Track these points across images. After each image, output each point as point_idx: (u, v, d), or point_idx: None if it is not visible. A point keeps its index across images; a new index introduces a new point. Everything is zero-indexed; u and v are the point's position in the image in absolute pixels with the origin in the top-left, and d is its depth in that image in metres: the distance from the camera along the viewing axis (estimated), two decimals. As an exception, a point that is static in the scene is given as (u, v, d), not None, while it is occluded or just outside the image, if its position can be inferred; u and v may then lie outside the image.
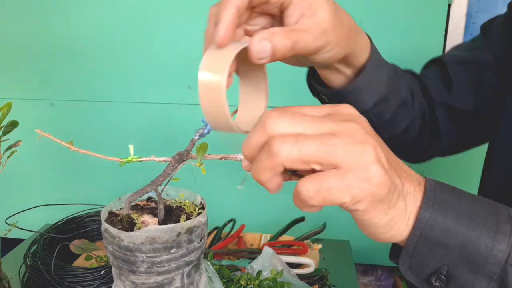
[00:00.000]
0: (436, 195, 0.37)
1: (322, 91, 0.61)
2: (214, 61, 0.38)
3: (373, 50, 0.57)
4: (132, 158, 0.42)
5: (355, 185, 0.33)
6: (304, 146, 0.33)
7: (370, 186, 0.33)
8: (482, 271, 0.36)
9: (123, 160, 0.42)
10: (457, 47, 0.74)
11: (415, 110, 0.68)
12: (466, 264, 0.37)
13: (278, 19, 0.46)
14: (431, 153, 0.75)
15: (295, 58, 0.52)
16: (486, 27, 0.70)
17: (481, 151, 0.71)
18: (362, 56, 0.56)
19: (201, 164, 0.43)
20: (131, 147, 0.43)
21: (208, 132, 0.42)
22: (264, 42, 0.39)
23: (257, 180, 0.36)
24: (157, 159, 0.42)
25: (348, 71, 0.56)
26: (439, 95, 0.70)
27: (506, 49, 0.65)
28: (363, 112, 0.59)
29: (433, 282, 0.38)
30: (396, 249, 0.41)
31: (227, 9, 0.40)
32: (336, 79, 0.57)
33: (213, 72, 0.37)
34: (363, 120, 0.37)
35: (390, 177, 0.35)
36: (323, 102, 0.66)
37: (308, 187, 0.33)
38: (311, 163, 0.33)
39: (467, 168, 1.14)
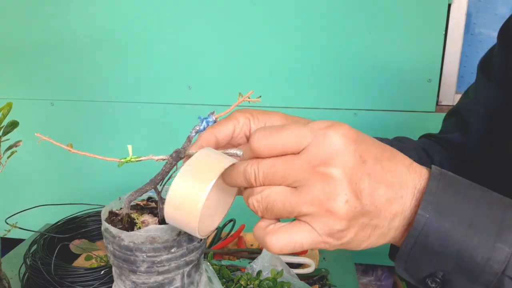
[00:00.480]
0: (436, 199, 0.36)
1: None
2: (196, 173, 0.36)
3: None
4: (131, 158, 0.42)
5: (321, 241, 0.36)
6: (272, 212, 0.36)
7: (334, 241, 0.36)
8: (478, 280, 0.36)
9: (122, 160, 0.42)
10: (464, 95, 0.77)
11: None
12: (462, 272, 0.36)
13: None
14: None
15: None
16: (484, 66, 0.72)
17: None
18: None
19: None
20: (129, 147, 0.42)
21: (204, 128, 0.42)
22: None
23: None
24: (156, 157, 0.42)
25: None
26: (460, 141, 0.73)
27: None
28: None
29: (429, 283, 0.38)
30: (394, 249, 0.41)
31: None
32: None
33: (193, 189, 0.35)
34: (345, 158, 0.34)
35: (360, 220, 0.36)
36: None
37: (282, 246, 0.36)
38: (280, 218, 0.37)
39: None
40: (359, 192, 0.35)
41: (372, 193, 0.35)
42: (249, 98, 0.45)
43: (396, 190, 0.36)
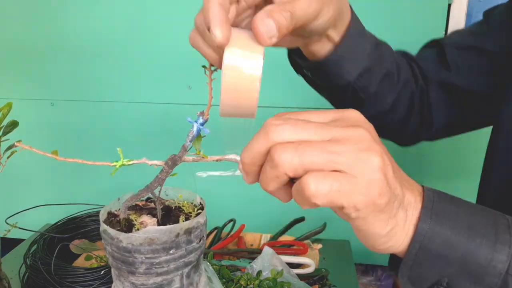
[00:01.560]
0: (434, 205, 0.37)
1: (305, 65, 0.61)
2: (244, 45, 0.36)
3: (354, 16, 0.56)
4: (123, 162, 0.41)
5: (359, 191, 0.33)
6: (305, 154, 0.32)
7: (372, 195, 0.33)
8: (482, 282, 0.36)
9: (115, 165, 0.41)
10: (457, 32, 0.74)
11: (400, 85, 0.67)
12: (467, 276, 0.36)
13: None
14: (419, 136, 0.74)
15: (293, 34, 0.49)
16: (489, 13, 0.69)
17: (481, 150, 0.70)
18: (346, 19, 0.55)
19: (200, 151, 0.43)
20: (119, 150, 0.42)
21: (198, 132, 0.42)
22: (267, 21, 0.38)
23: (266, 191, 0.36)
24: (149, 162, 0.42)
25: (336, 36, 0.55)
26: (436, 74, 0.70)
27: (506, 38, 0.63)
28: (347, 84, 0.60)
29: None
30: (395, 261, 0.41)
31: (212, 8, 0.39)
32: (319, 50, 0.56)
33: (248, 56, 0.35)
34: (370, 126, 0.36)
35: (392, 187, 0.35)
36: (306, 79, 0.66)
37: (318, 185, 0.32)
38: (314, 170, 0.33)
39: (467, 166, 1.14)
40: (384, 157, 0.35)
41: (392, 169, 0.36)
42: None
43: (405, 183, 0.38)
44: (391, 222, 0.36)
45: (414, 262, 0.37)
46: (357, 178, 0.33)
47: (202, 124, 0.42)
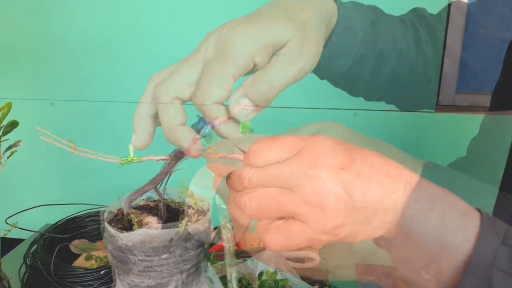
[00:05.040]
0: (424, 191, 0.37)
1: None
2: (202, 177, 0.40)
3: (341, 12, 0.56)
4: (132, 158, 0.42)
5: (314, 237, 0.37)
6: (260, 207, 0.38)
7: (327, 237, 0.37)
8: (468, 271, 0.36)
9: (123, 160, 0.42)
10: None
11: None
12: (453, 264, 0.37)
13: None
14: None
15: None
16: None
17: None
18: (332, 23, 0.56)
19: (210, 146, 0.44)
20: (131, 148, 0.43)
21: (209, 131, 0.42)
22: (242, 100, 0.43)
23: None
24: (156, 158, 0.42)
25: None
26: None
27: None
28: (341, 74, 0.62)
29: (424, 275, 0.39)
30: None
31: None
32: None
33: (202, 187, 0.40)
34: (331, 158, 0.36)
35: (350, 222, 0.36)
36: None
37: (274, 240, 0.38)
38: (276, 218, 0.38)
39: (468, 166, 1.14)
40: (349, 189, 0.36)
41: (364, 190, 0.36)
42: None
43: (388, 186, 0.37)
44: (362, 236, 0.38)
45: (399, 249, 0.38)
46: (311, 230, 0.36)
47: (213, 127, 0.42)
